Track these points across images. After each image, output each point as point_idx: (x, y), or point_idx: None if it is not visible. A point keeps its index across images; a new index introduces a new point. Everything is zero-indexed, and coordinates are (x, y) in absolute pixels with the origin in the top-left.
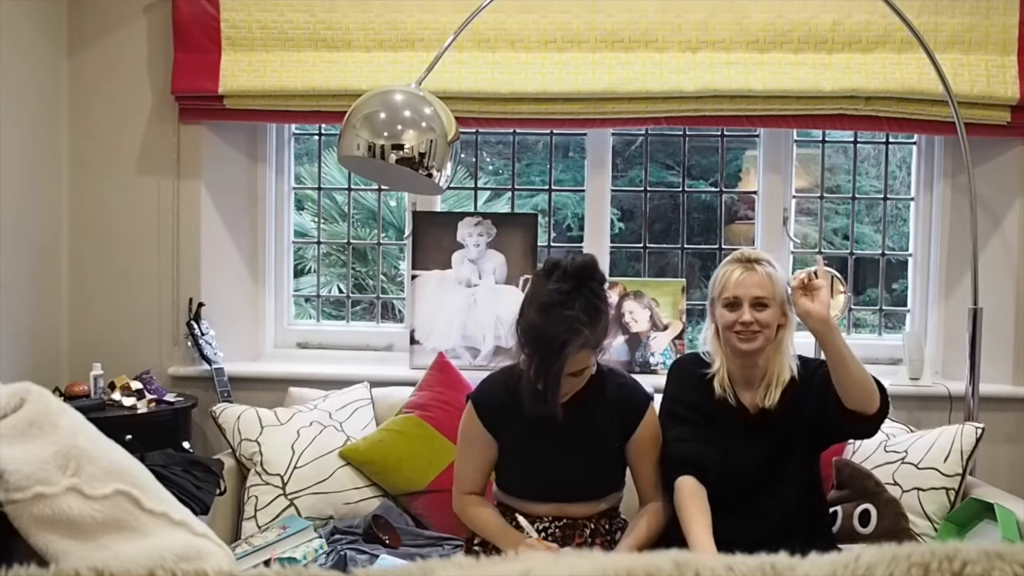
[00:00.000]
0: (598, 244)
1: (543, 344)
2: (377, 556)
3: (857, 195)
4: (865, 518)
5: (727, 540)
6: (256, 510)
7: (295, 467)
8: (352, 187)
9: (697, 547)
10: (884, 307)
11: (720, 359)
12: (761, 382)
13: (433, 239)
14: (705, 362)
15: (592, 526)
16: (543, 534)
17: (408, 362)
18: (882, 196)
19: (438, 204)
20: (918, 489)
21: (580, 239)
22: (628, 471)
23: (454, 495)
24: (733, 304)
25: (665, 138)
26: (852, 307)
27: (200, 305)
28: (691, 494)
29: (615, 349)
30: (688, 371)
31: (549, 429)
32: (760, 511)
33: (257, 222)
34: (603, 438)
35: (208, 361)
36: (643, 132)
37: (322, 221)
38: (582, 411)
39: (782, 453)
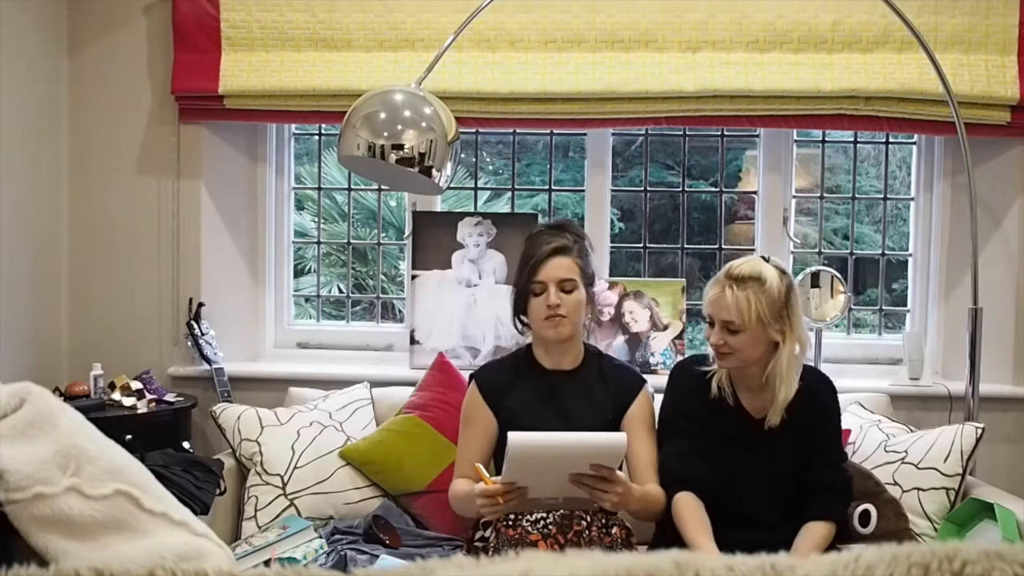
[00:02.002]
0: (598, 244)
1: (528, 256)
2: (377, 556)
3: (857, 195)
4: (865, 518)
5: (728, 550)
6: (256, 510)
7: (295, 467)
8: (352, 187)
9: (698, 549)
10: (884, 307)
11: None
12: (762, 390)
13: (433, 239)
14: (707, 359)
15: (589, 518)
16: (540, 523)
17: (408, 362)
18: (882, 196)
19: (438, 204)
20: (918, 489)
21: None
22: (624, 466)
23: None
24: (710, 322)
25: (665, 138)
26: (852, 307)
27: (200, 305)
28: (688, 506)
29: (615, 349)
30: (688, 375)
31: (547, 404)
32: (760, 523)
33: (257, 222)
34: (599, 412)
35: (208, 361)
36: (643, 132)
37: (322, 221)
38: (579, 386)
39: (783, 464)
